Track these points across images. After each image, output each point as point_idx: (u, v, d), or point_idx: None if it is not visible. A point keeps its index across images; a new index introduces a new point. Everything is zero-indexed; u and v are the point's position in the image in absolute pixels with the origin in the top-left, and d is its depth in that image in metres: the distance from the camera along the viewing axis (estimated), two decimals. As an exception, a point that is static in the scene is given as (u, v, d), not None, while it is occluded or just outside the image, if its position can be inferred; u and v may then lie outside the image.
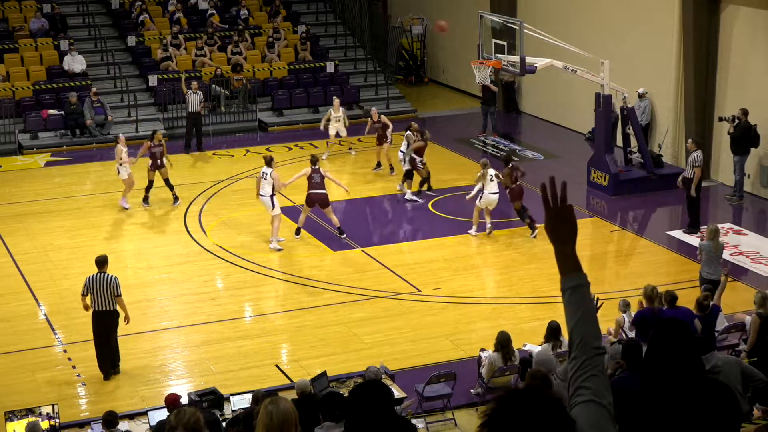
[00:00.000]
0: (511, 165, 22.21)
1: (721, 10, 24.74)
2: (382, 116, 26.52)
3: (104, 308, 15.88)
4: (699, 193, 21.67)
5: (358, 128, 28.61)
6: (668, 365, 4.83)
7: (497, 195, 21.70)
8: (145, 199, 23.80)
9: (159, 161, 23.68)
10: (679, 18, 25.40)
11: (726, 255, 19.62)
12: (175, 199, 23.92)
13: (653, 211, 24.62)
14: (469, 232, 22.03)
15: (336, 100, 28.30)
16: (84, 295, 15.96)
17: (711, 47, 24.97)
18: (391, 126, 26.18)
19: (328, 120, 27.76)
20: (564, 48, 24.80)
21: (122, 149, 23.32)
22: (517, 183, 21.99)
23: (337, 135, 27.77)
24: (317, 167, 21.57)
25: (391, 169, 25.91)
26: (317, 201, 21.38)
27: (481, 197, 21.69)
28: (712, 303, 15.62)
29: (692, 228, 21.74)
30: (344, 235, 21.64)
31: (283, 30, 34.03)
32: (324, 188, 21.41)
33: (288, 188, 22.90)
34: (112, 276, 15.99)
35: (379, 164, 26.27)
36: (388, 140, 25.84)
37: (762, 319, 14.64)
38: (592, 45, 26.45)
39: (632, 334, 15.03)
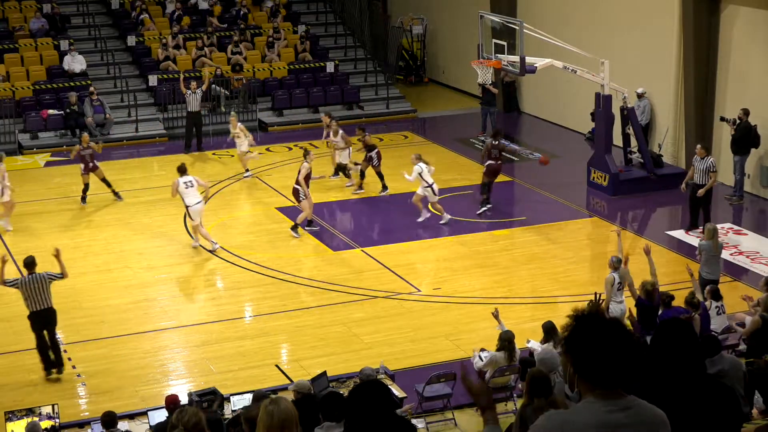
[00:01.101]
0: (497, 142, 23.37)
1: (721, 9, 24.74)
2: (333, 122, 25.55)
3: (41, 307, 16.03)
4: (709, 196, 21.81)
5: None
6: (670, 364, 4.83)
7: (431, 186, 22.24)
8: (83, 199, 24.06)
9: (90, 164, 23.96)
10: (679, 18, 25.40)
11: (726, 255, 19.67)
12: (117, 195, 24.26)
13: (653, 211, 24.63)
14: (441, 222, 22.39)
15: (233, 114, 27.35)
16: (5, 283, 16.05)
17: (711, 47, 24.97)
18: (340, 132, 25.03)
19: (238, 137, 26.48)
20: (564, 48, 24.80)
21: (4, 169, 23.04)
22: (497, 161, 23.05)
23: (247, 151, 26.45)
24: (306, 162, 21.72)
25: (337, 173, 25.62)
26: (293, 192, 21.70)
27: (428, 190, 22.30)
28: (702, 301, 15.72)
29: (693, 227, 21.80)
30: (296, 235, 21.78)
31: (283, 30, 34.03)
32: (297, 183, 21.56)
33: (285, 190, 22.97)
34: (42, 273, 16.09)
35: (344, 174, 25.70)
36: (346, 147, 25.13)
37: (764, 321, 14.64)
38: (592, 45, 26.46)
39: (620, 297, 16.00)
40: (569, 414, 4.48)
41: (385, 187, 24.49)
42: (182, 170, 21.35)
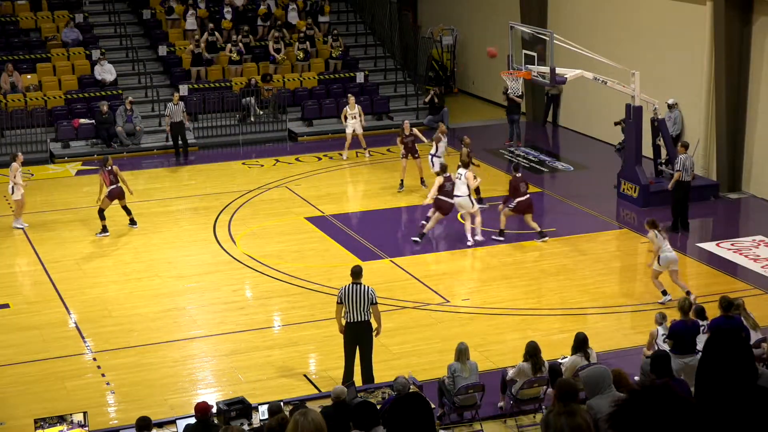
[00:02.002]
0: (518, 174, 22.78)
1: (754, 20, 24.61)
2: (414, 129, 26.43)
3: None
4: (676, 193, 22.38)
5: (389, 138, 28.61)
6: (722, 374, 4.76)
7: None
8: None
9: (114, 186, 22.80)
10: (711, 28, 25.26)
11: (757, 268, 19.53)
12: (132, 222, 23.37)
13: (684, 223, 24.44)
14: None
15: (351, 98, 29.18)
16: None
17: (743, 57, 24.84)
18: (423, 140, 26.31)
19: (346, 117, 28.78)
20: (594, 59, 24.71)
21: (18, 168, 23.10)
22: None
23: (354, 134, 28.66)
24: (448, 175, 21.94)
25: (422, 181, 25.83)
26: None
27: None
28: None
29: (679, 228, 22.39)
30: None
31: (316, 38, 34.14)
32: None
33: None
34: None
35: (402, 183, 25.99)
36: (418, 154, 25.86)
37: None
38: (623, 56, 26.36)
39: (665, 347, 14.86)
40: None
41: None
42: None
